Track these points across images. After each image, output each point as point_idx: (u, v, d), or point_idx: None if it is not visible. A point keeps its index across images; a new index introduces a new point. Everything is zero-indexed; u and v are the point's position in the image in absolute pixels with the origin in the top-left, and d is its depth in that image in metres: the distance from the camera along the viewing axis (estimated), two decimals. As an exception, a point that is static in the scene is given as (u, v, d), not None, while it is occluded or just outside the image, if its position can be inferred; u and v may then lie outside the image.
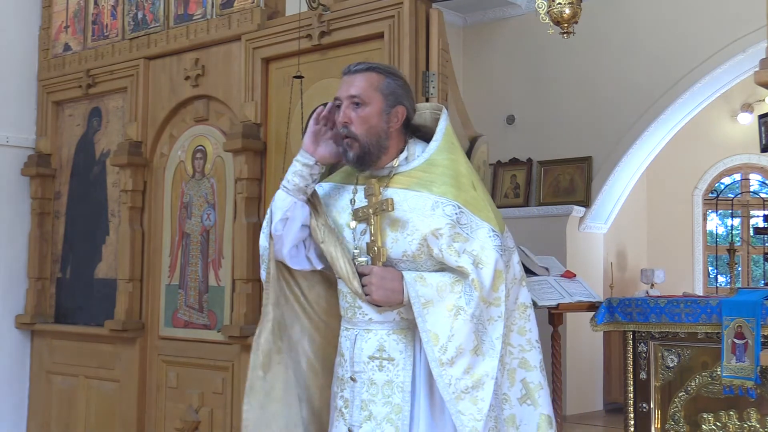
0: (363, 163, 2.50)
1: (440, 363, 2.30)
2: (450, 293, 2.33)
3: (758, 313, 3.64)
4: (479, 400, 2.31)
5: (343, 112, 2.48)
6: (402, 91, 2.53)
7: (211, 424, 4.64)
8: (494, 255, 2.37)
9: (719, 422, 3.84)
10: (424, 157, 2.50)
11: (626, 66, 8.00)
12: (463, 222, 2.39)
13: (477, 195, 2.47)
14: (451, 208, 2.40)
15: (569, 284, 5.28)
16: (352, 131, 2.46)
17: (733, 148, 9.90)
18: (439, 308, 2.32)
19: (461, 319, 2.31)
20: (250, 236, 4.46)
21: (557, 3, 3.97)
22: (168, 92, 5.03)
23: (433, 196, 2.41)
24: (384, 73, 2.53)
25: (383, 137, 2.48)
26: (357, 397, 2.46)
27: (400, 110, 2.51)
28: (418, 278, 2.35)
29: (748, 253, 9.99)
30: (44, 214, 5.65)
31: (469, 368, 2.31)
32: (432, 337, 2.31)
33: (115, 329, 4.98)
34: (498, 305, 2.37)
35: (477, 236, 2.39)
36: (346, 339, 2.52)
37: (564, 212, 8.13)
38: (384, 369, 2.43)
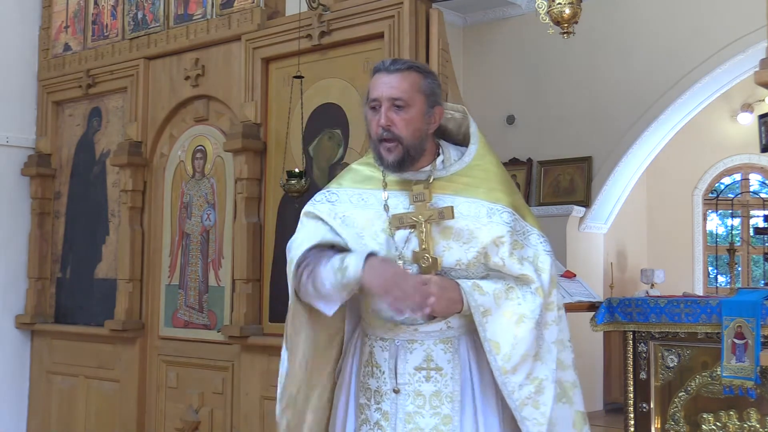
0: (402, 166, 2.37)
1: (503, 371, 2.29)
2: (506, 300, 2.31)
3: (758, 313, 3.64)
4: (541, 404, 2.32)
5: (384, 114, 2.34)
6: (439, 90, 2.45)
7: (211, 424, 4.64)
8: (549, 260, 2.39)
9: (719, 422, 3.83)
10: (464, 161, 2.43)
11: (626, 66, 8.00)
12: (518, 229, 2.36)
13: (520, 199, 2.45)
14: (507, 215, 2.35)
15: (569, 284, 5.28)
16: (395, 134, 2.34)
17: (733, 148, 9.89)
18: (498, 316, 2.30)
19: (524, 327, 2.30)
20: (250, 236, 4.46)
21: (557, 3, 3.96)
22: (168, 92, 5.03)
23: (487, 203, 2.35)
24: (423, 72, 2.42)
25: (424, 140, 2.39)
26: (401, 410, 2.38)
27: (438, 111, 2.43)
28: (475, 287, 2.30)
29: (748, 253, 9.99)
30: (44, 214, 5.66)
31: (530, 374, 2.32)
32: (494, 346, 2.29)
33: (115, 329, 4.98)
34: (552, 309, 2.38)
35: (530, 242, 2.38)
36: (382, 350, 2.42)
37: (564, 212, 8.13)
38: (431, 379, 2.37)
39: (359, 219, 2.42)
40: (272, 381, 4.29)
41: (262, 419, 4.39)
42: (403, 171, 2.39)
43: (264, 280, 4.49)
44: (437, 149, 2.47)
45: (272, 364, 4.30)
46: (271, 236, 4.48)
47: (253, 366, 4.44)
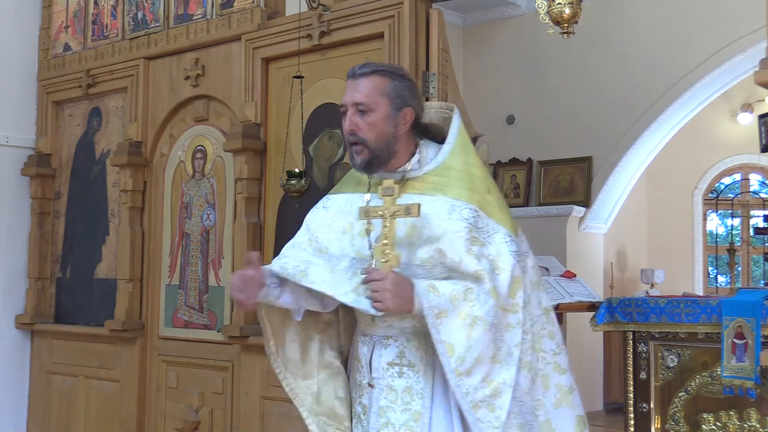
0: (371, 168, 2.44)
1: (457, 373, 2.26)
2: (463, 302, 2.28)
3: (758, 313, 3.64)
4: (497, 407, 2.28)
5: (349, 119, 2.42)
6: (408, 92, 2.46)
7: (211, 424, 4.64)
8: (511, 260, 2.33)
9: (719, 422, 3.84)
10: (438, 160, 2.45)
11: (626, 66, 8.00)
12: (480, 226, 2.35)
13: (492, 198, 2.43)
14: (468, 212, 2.35)
15: (569, 284, 5.28)
16: (360, 137, 2.40)
17: (733, 148, 9.89)
18: (454, 318, 2.26)
19: (479, 329, 2.26)
20: (250, 236, 4.46)
21: (557, 3, 3.97)
22: (168, 92, 5.03)
23: (450, 200, 2.36)
24: (389, 75, 2.45)
25: (392, 141, 2.42)
26: (375, 404, 2.42)
27: (408, 112, 2.45)
28: (431, 288, 2.28)
29: (748, 253, 9.99)
30: (44, 214, 5.65)
31: (486, 377, 2.28)
32: (447, 348, 2.26)
33: (115, 329, 4.98)
34: (515, 312, 2.34)
35: (493, 241, 2.35)
36: (363, 345, 2.48)
37: (564, 212, 8.13)
38: (404, 375, 2.40)
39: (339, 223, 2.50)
40: (272, 381, 4.28)
41: (262, 419, 4.39)
42: (373, 172, 2.46)
43: (264, 280, 4.48)
44: (415, 148, 2.49)
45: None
46: (271, 236, 4.48)
47: (253, 366, 4.44)
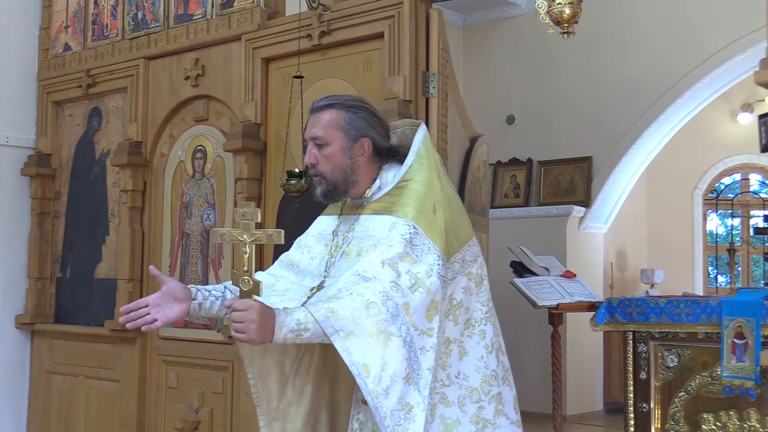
0: (331, 198, 2.52)
1: (375, 395, 2.19)
2: (367, 318, 2.22)
3: (758, 313, 3.64)
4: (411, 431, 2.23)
5: (309, 152, 2.50)
6: (364, 123, 2.49)
7: (211, 424, 4.64)
8: (437, 283, 2.30)
9: (719, 422, 3.84)
10: (393, 182, 2.49)
11: (626, 66, 8.00)
12: (416, 243, 2.34)
13: (435, 219, 2.41)
14: (405, 228, 2.35)
15: (569, 284, 5.29)
16: (318, 170, 2.49)
17: (733, 148, 9.90)
18: (363, 337, 2.21)
19: (393, 345, 2.22)
20: (250, 236, 4.46)
21: (557, 3, 3.97)
22: (168, 92, 5.03)
23: (393, 217, 2.39)
24: (344, 108, 2.49)
25: (349, 173, 2.48)
26: (369, 420, 2.43)
27: (365, 143, 2.48)
28: (329, 313, 2.22)
29: (748, 253, 9.99)
30: (44, 214, 5.66)
31: (401, 398, 2.23)
32: (362, 369, 2.20)
33: (115, 329, 4.98)
34: (431, 335, 2.30)
35: (426, 260, 2.33)
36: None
37: (564, 212, 8.13)
38: None
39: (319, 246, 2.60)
40: (272, 381, 4.29)
41: (262, 419, 4.39)
42: (333, 201, 2.56)
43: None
44: (377, 174, 2.54)
45: (272, 364, 4.30)
46: (271, 236, 4.48)
47: (253, 366, 4.43)
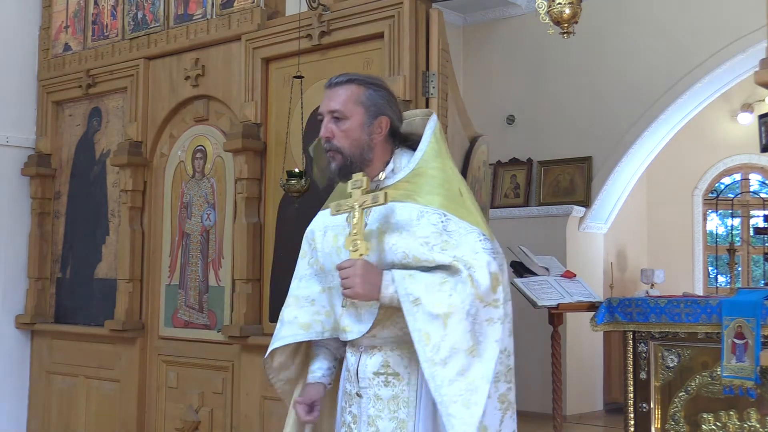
0: (345, 175, 2.46)
1: (432, 362, 2.23)
2: (438, 292, 2.27)
3: (758, 313, 3.64)
4: (472, 404, 2.22)
5: (325, 126, 2.46)
6: (384, 101, 2.49)
7: (211, 424, 4.64)
8: (487, 257, 2.32)
9: (719, 422, 3.84)
10: (410, 167, 2.47)
11: (626, 66, 8.00)
12: (450, 229, 2.35)
13: (464, 201, 2.43)
14: (436, 217, 2.35)
15: (569, 284, 5.29)
16: (334, 145, 2.44)
17: (733, 148, 9.90)
18: (429, 305, 2.25)
19: (455, 317, 2.25)
20: (250, 236, 4.46)
21: (557, 3, 3.96)
22: (168, 92, 5.03)
23: (419, 206, 2.38)
24: (364, 84, 2.48)
25: (366, 150, 2.46)
26: (364, 413, 2.43)
27: (383, 121, 2.47)
28: (407, 276, 2.29)
29: (748, 253, 9.99)
30: (44, 214, 5.66)
31: (463, 370, 2.24)
32: (423, 336, 2.24)
33: (115, 329, 4.98)
34: (497, 306, 2.31)
35: (467, 241, 2.34)
36: (351, 355, 2.50)
37: (564, 212, 8.13)
38: (390, 384, 2.40)
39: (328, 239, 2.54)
40: (272, 381, 4.29)
41: (262, 419, 4.39)
42: (348, 179, 2.46)
43: (264, 280, 4.49)
44: (390, 157, 2.52)
45: (272, 364, 4.30)
46: (271, 236, 4.48)
47: (253, 366, 4.44)
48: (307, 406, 2.54)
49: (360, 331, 2.41)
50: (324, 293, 2.56)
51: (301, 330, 2.56)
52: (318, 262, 2.57)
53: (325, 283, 2.55)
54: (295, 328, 2.57)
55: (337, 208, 2.42)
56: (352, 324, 2.43)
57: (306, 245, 2.66)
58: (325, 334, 2.55)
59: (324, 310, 2.56)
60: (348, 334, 2.44)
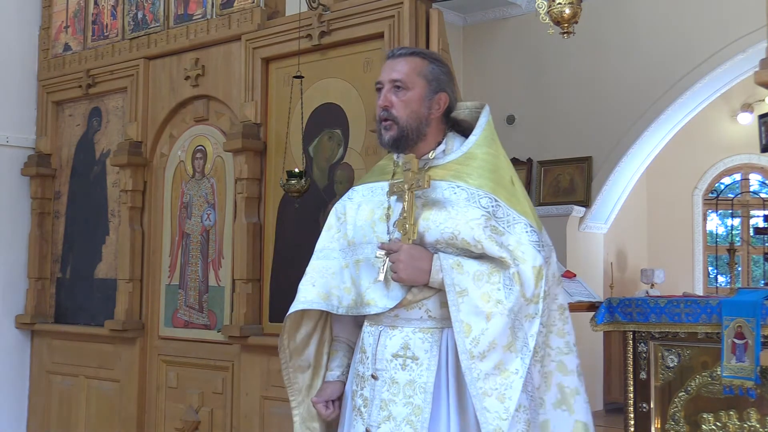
0: (398, 146, 2.45)
1: (471, 355, 2.22)
2: (487, 283, 2.26)
3: (758, 313, 3.63)
4: (506, 398, 2.22)
5: (384, 95, 2.44)
6: (446, 77, 2.50)
7: (211, 424, 4.64)
8: (532, 250, 2.31)
9: (719, 422, 3.83)
10: (462, 150, 2.45)
11: (626, 66, 8.00)
12: (499, 215, 2.33)
13: (515, 190, 2.43)
14: (487, 200, 2.33)
15: (569, 284, 5.28)
16: (392, 114, 2.42)
17: (733, 148, 9.90)
18: (475, 298, 2.25)
19: (498, 312, 2.24)
20: (250, 236, 4.46)
21: (557, 3, 3.96)
22: (168, 92, 5.03)
23: (470, 188, 2.36)
24: (428, 58, 2.49)
25: (423, 123, 2.44)
26: (377, 396, 2.38)
27: (443, 97, 2.47)
28: (456, 265, 2.27)
29: (748, 253, 9.99)
30: (44, 214, 5.65)
31: (500, 364, 2.24)
32: (465, 327, 2.23)
33: (115, 329, 4.98)
34: (536, 302, 2.30)
35: (514, 231, 2.33)
36: (369, 335, 2.45)
37: (564, 212, 8.13)
38: (407, 368, 2.35)
39: (363, 213, 2.51)
40: (272, 381, 4.29)
41: (262, 419, 4.39)
42: (400, 151, 2.46)
43: (264, 280, 4.49)
44: (443, 138, 2.50)
45: (272, 364, 4.30)
46: (271, 236, 4.48)
47: (253, 366, 4.44)
48: (325, 404, 2.54)
49: (385, 306, 2.37)
50: (346, 269, 2.52)
51: (318, 298, 2.53)
52: (346, 236, 2.54)
53: (351, 257, 2.51)
54: (312, 295, 2.54)
55: (391, 189, 2.42)
56: (379, 298, 2.39)
57: (333, 218, 2.62)
58: (340, 310, 2.52)
59: (344, 285, 2.52)
60: (371, 307, 2.40)
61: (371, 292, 2.42)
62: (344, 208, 2.60)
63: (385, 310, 2.38)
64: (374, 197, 2.52)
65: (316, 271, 2.58)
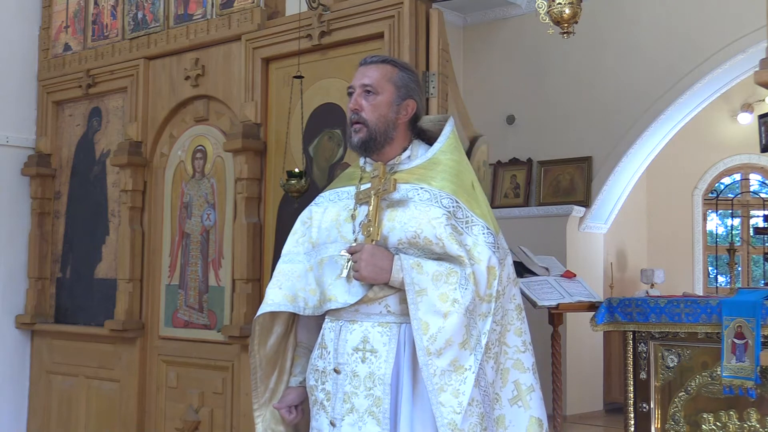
0: (366, 148, 2.56)
1: (428, 352, 2.32)
2: (445, 284, 2.36)
3: (758, 313, 3.64)
4: (460, 393, 2.32)
5: (354, 99, 2.56)
6: (414, 86, 2.61)
7: (211, 424, 4.64)
8: (487, 251, 2.41)
9: (719, 422, 3.84)
10: (427, 156, 2.56)
11: (626, 66, 8.00)
12: (458, 216, 2.44)
13: (475, 194, 2.52)
14: (448, 201, 2.44)
15: (569, 284, 5.28)
16: (362, 117, 2.53)
17: (733, 148, 9.90)
18: (433, 298, 2.35)
19: (455, 311, 2.34)
20: (250, 236, 4.46)
21: (557, 3, 3.96)
22: (168, 92, 5.03)
23: (432, 189, 2.46)
24: (399, 66, 2.61)
25: (391, 127, 2.55)
26: (340, 390, 2.47)
27: (410, 104, 2.58)
28: (415, 265, 2.38)
29: (748, 253, 9.99)
30: (44, 214, 5.65)
31: (455, 361, 2.34)
32: (423, 325, 2.33)
33: (115, 329, 4.98)
34: (489, 301, 2.41)
35: (471, 232, 2.43)
36: (330, 330, 2.54)
37: (564, 212, 8.13)
38: (366, 361, 2.44)
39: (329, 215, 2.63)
40: (272, 381, 4.29)
41: (262, 419, 4.39)
42: (368, 154, 2.59)
43: (264, 280, 4.49)
44: (408, 144, 2.62)
45: (272, 364, 4.30)
46: (271, 236, 4.48)
47: (253, 366, 4.44)
48: (288, 409, 2.66)
49: (346, 302, 2.47)
50: (311, 272, 2.64)
51: (285, 301, 2.65)
52: (311, 239, 2.66)
53: (315, 258, 2.62)
54: (279, 298, 2.66)
55: (357, 197, 2.54)
56: (341, 294, 2.49)
57: (299, 224, 2.75)
58: (306, 311, 2.62)
59: (309, 287, 2.63)
60: (332, 303, 2.50)
61: (333, 288, 2.52)
62: (310, 213, 2.73)
63: (346, 305, 2.48)
64: (340, 201, 2.64)
65: (282, 274, 2.71)
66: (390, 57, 2.67)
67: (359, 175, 2.64)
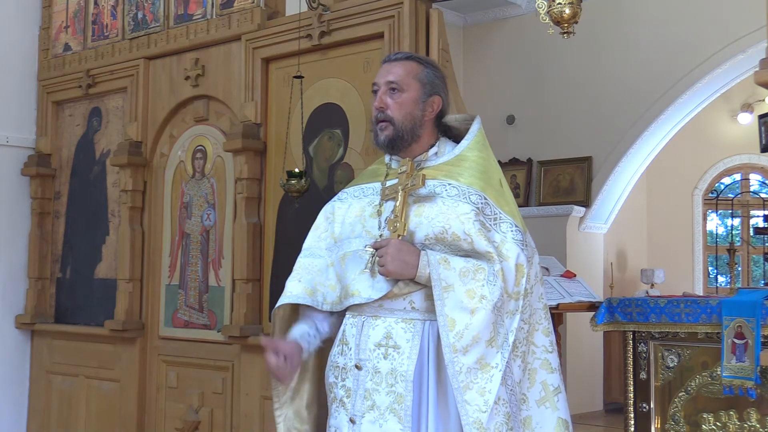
0: (393, 146, 2.52)
1: (454, 349, 2.28)
2: (472, 280, 2.32)
3: (758, 313, 3.64)
4: (486, 391, 2.29)
5: (379, 97, 2.52)
6: (440, 82, 2.57)
7: (211, 424, 4.64)
8: (515, 249, 2.38)
9: (719, 422, 3.83)
10: (454, 152, 2.54)
11: (626, 66, 8.00)
12: (487, 213, 2.41)
13: (503, 191, 2.50)
14: (476, 197, 2.41)
15: (569, 284, 5.28)
16: (388, 115, 2.49)
17: (733, 148, 9.89)
18: (460, 294, 2.31)
19: (482, 307, 2.30)
20: (250, 236, 4.46)
21: (557, 3, 3.96)
22: (168, 92, 5.03)
23: (460, 186, 2.43)
24: (423, 63, 2.57)
25: (417, 125, 2.52)
26: (361, 386, 2.42)
27: (436, 100, 2.54)
28: (442, 261, 2.34)
29: (748, 253, 9.99)
30: (44, 214, 5.66)
31: (481, 359, 2.30)
32: (449, 321, 2.29)
33: (115, 329, 4.98)
34: (517, 299, 2.37)
35: (499, 229, 2.40)
36: (352, 326, 2.49)
37: (564, 212, 8.13)
38: (389, 357, 2.39)
39: (353, 211, 2.58)
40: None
41: (262, 419, 4.40)
42: (395, 152, 2.55)
43: (264, 280, 4.49)
44: (435, 141, 2.58)
45: (272, 364, 4.30)
46: (271, 236, 4.48)
47: (253, 366, 4.44)
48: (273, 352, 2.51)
49: (369, 297, 2.42)
50: (331, 267, 2.59)
51: (304, 294, 2.60)
52: (333, 234, 2.61)
53: (337, 253, 2.57)
54: (299, 290, 2.62)
55: (383, 193, 2.51)
56: (364, 289, 2.44)
57: (322, 219, 2.70)
58: (324, 306, 2.58)
59: (329, 282, 2.59)
60: (356, 298, 2.45)
61: (357, 283, 2.47)
62: (333, 209, 2.67)
63: (370, 300, 2.43)
64: (365, 197, 2.60)
65: (302, 268, 2.65)
66: (414, 53, 2.63)
67: (384, 171, 2.60)
